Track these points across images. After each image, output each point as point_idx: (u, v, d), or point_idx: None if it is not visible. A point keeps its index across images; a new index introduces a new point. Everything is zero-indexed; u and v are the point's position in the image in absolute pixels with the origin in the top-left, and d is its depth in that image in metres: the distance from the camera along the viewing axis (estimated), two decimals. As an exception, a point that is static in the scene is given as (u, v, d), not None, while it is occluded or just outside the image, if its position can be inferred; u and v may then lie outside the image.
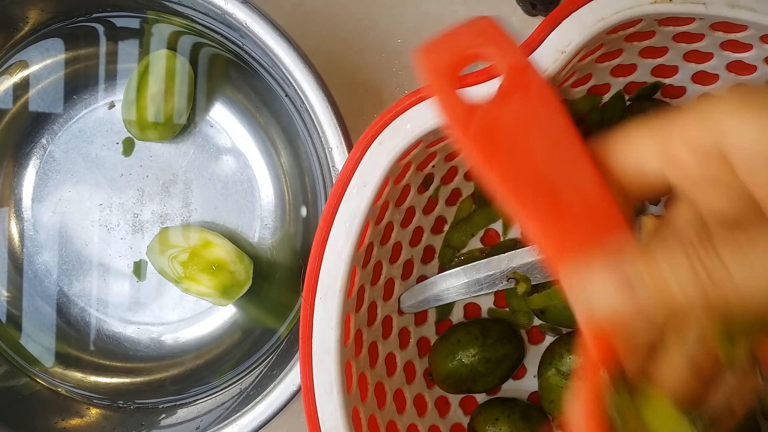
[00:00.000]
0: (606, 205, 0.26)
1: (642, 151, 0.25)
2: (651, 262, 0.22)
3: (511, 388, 0.47)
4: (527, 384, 0.47)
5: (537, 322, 0.47)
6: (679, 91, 0.44)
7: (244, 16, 0.43)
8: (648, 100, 0.44)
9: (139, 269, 0.51)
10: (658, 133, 0.25)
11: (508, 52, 0.28)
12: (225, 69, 0.50)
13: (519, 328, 0.47)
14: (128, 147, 0.51)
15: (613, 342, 0.25)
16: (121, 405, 0.51)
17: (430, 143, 0.37)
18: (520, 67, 0.28)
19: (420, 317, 0.47)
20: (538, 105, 0.27)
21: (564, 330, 0.46)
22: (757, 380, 0.26)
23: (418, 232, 0.45)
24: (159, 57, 0.48)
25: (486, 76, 0.33)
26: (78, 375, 0.51)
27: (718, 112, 0.24)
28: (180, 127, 0.50)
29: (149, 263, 0.50)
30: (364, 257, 0.38)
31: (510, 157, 0.26)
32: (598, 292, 0.22)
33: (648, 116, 0.26)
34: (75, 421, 0.50)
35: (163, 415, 0.50)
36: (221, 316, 0.51)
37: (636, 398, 0.25)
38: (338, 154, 0.42)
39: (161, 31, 0.50)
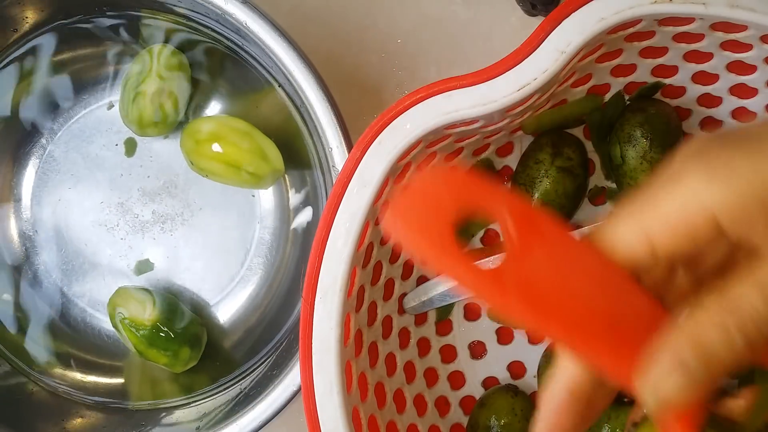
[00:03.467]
0: (653, 308, 0.26)
1: (628, 244, 0.26)
2: (691, 339, 0.24)
3: (511, 388, 0.47)
4: (527, 384, 0.47)
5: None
6: (679, 91, 0.44)
7: (244, 16, 0.43)
8: (648, 100, 0.44)
9: (140, 269, 0.51)
10: (636, 222, 0.26)
11: (503, 201, 0.25)
12: (224, 68, 0.50)
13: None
14: (130, 147, 0.51)
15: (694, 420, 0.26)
16: (121, 405, 0.51)
17: (430, 143, 0.37)
18: (526, 213, 0.26)
19: (420, 317, 0.47)
20: (559, 245, 0.26)
21: None
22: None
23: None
24: (157, 53, 0.48)
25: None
26: (78, 375, 0.51)
27: (694, 191, 0.25)
28: (177, 121, 0.49)
29: (147, 264, 0.50)
30: (364, 257, 0.38)
31: (558, 307, 0.25)
32: (668, 386, 0.24)
33: (622, 204, 0.27)
34: (75, 421, 0.50)
35: (163, 415, 0.50)
36: (221, 316, 0.51)
37: None
38: (338, 154, 0.42)
39: (160, 30, 0.50)
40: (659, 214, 0.25)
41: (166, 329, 0.47)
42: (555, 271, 0.25)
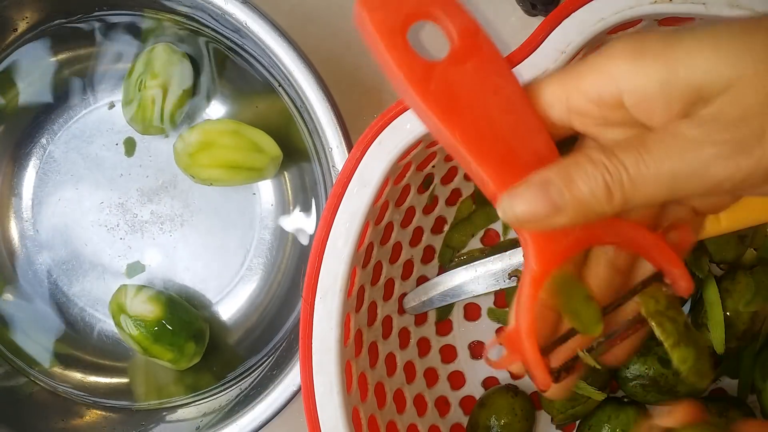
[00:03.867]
0: (551, 153, 0.29)
1: (548, 102, 0.29)
2: (565, 175, 0.26)
3: (511, 388, 0.47)
4: (527, 384, 0.47)
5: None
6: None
7: (244, 16, 0.43)
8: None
9: (131, 271, 0.51)
10: (559, 87, 0.29)
11: (457, 14, 0.28)
12: (224, 68, 0.50)
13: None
14: (130, 147, 0.51)
15: (554, 255, 0.28)
16: (121, 405, 0.51)
17: (430, 143, 0.37)
18: (471, 31, 0.29)
19: (420, 317, 0.47)
20: (490, 68, 0.29)
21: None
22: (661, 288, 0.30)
23: (418, 232, 0.45)
24: (158, 51, 0.48)
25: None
26: (78, 375, 0.51)
27: (609, 65, 0.27)
28: (180, 118, 0.49)
29: (143, 265, 0.51)
30: (364, 257, 0.39)
31: (469, 118, 0.28)
32: (525, 206, 0.27)
33: (556, 72, 0.30)
34: (75, 422, 0.50)
35: (163, 415, 0.50)
36: (221, 316, 0.51)
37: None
38: (338, 154, 0.42)
39: (160, 30, 0.50)
40: (580, 76, 0.28)
41: (170, 324, 0.47)
42: (478, 86, 0.28)
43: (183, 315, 0.48)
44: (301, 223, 0.50)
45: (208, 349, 0.50)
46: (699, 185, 0.25)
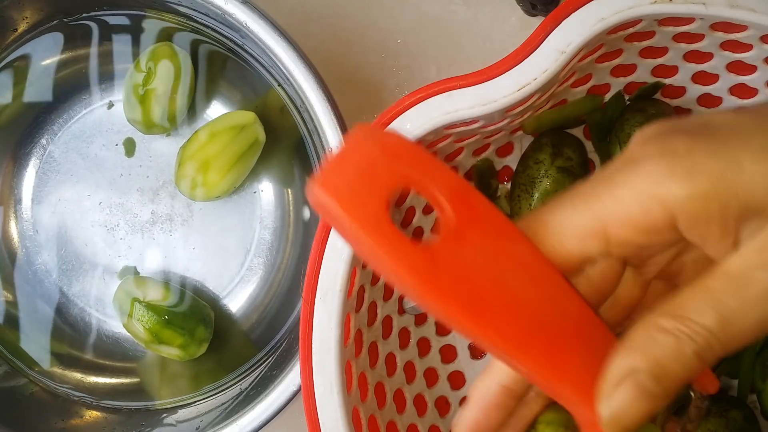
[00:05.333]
0: (584, 313, 0.25)
1: (580, 236, 0.25)
2: (655, 365, 0.23)
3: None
4: (527, 384, 0.47)
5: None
6: (679, 91, 0.44)
7: (244, 16, 0.43)
8: (648, 100, 0.44)
9: (125, 273, 0.51)
10: (592, 217, 0.24)
11: (443, 176, 0.23)
12: (224, 68, 0.50)
13: None
14: (130, 147, 0.51)
15: None
16: (120, 405, 0.51)
17: (430, 143, 0.37)
18: (463, 192, 0.23)
19: (420, 317, 0.47)
20: (496, 234, 0.24)
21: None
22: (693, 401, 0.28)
23: (418, 232, 0.45)
24: (161, 50, 0.48)
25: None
26: (77, 375, 0.51)
27: (657, 187, 0.23)
28: (182, 117, 0.50)
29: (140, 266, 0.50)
30: (364, 257, 0.38)
31: (490, 302, 0.23)
32: (629, 412, 0.23)
33: (570, 195, 0.25)
34: (75, 422, 0.50)
35: (163, 416, 0.50)
36: (221, 315, 0.51)
37: None
38: (338, 154, 0.42)
39: (160, 29, 0.50)
40: (617, 202, 0.24)
41: (181, 307, 0.48)
42: (489, 261, 0.23)
43: (190, 300, 0.49)
44: (301, 223, 0.50)
45: (208, 348, 0.50)
46: None
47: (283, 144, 0.49)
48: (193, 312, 0.49)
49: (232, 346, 0.51)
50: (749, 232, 0.23)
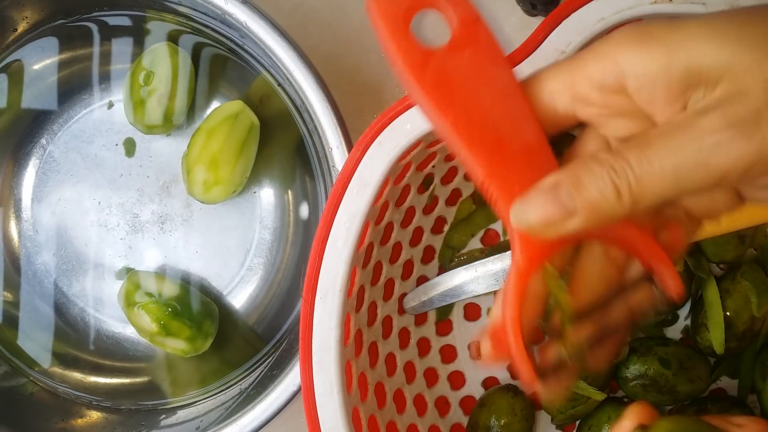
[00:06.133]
0: (541, 146, 0.29)
1: (553, 91, 0.29)
2: (574, 179, 0.26)
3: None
4: (527, 384, 0.47)
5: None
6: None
7: (244, 16, 0.43)
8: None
9: (123, 275, 0.51)
10: (565, 74, 0.29)
11: (459, 3, 0.29)
12: (225, 68, 0.50)
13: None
14: (130, 147, 0.51)
15: (542, 251, 0.29)
16: (120, 405, 0.51)
17: (430, 143, 0.37)
18: (471, 20, 0.29)
19: (420, 317, 0.47)
20: (487, 57, 0.29)
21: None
22: (652, 292, 0.30)
23: (418, 232, 0.46)
24: (160, 50, 0.48)
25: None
26: (77, 375, 0.51)
27: (614, 51, 0.27)
28: (182, 117, 0.50)
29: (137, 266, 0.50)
30: (364, 257, 0.39)
31: (462, 105, 0.28)
32: (537, 212, 0.27)
33: (562, 60, 0.29)
34: (75, 422, 0.50)
35: (163, 416, 0.50)
36: (221, 315, 0.51)
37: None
38: (338, 154, 0.42)
39: (160, 30, 0.50)
40: (582, 62, 0.28)
41: (189, 299, 0.48)
42: (473, 75, 0.29)
43: (196, 295, 0.49)
44: (301, 223, 0.50)
45: (208, 348, 0.50)
46: (704, 177, 0.25)
47: (283, 144, 0.50)
48: (200, 305, 0.49)
49: (232, 345, 0.51)
50: (695, 100, 0.26)
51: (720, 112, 0.25)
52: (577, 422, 0.46)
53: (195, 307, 0.49)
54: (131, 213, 0.51)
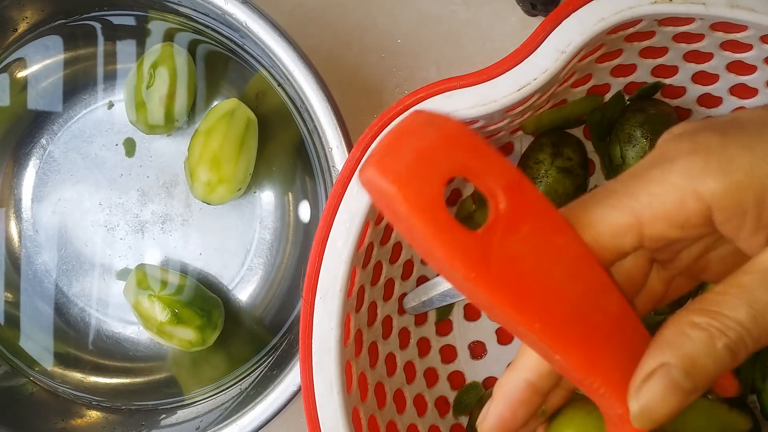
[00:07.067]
0: (626, 313, 0.25)
1: (615, 232, 0.25)
2: (688, 362, 0.23)
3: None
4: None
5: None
6: (679, 91, 0.44)
7: (244, 16, 0.43)
8: (648, 100, 0.44)
9: (122, 276, 0.51)
10: (630, 213, 0.25)
11: (499, 166, 0.23)
12: (224, 68, 0.50)
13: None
14: (130, 147, 0.51)
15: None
16: (120, 405, 0.51)
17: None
18: (517, 182, 0.23)
19: (420, 317, 0.47)
20: (547, 227, 0.24)
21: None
22: None
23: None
24: (162, 51, 0.48)
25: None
26: (78, 375, 0.51)
27: (692, 183, 0.24)
28: (183, 117, 0.50)
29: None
30: (364, 257, 0.39)
31: (539, 296, 0.23)
32: (663, 409, 0.24)
33: (603, 192, 0.25)
34: (75, 422, 0.50)
35: (163, 416, 0.50)
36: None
37: None
38: (338, 154, 0.42)
39: (160, 30, 0.50)
40: (652, 197, 0.24)
41: (198, 289, 0.49)
42: (537, 251, 0.23)
43: (201, 288, 0.50)
44: (301, 223, 0.50)
45: (209, 347, 0.50)
46: None
47: (283, 144, 0.50)
48: (209, 296, 0.49)
49: (232, 345, 0.51)
50: None
51: None
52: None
53: (205, 297, 0.49)
54: (131, 213, 0.51)
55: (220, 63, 0.50)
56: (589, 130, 0.46)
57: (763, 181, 0.23)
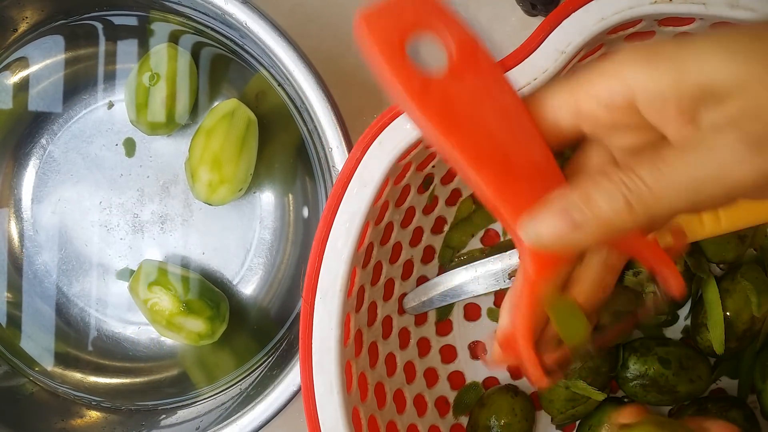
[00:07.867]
0: (548, 162, 0.29)
1: (556, 108, 0.29)
2: (585, 196, 0.26)
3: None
4: (527, 384, 0.47)
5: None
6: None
7: (244, 16, 0.43)
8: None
9: (122, 276, 0.51)
10: (568, 92, 0.29)
11: (456, 27, 0.29)
12: (224, 68, 0.50)
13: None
14: (130, 148, 0.51)
15: (552, 263, 0.29)
16: (120, 405, 0.51)
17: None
18: (469, 43, 0.29)
19: (420, 317, 0.47)
20: (488, 79, 0.29)
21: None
22: (651, 296, 0.32)
23: (418, 232, 0.45)
24: (163, 51, 0.48)
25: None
26: (78, 375, 0.51)
27: (622, 69, 0.27)
28: (185, 118, 0.50)
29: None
30: (364, 257, 0.39)
31: (466, 128, 0.28)
32: (548, 229, 0.27)
33: (563, 78, 0.29)
34: (75, 422, 0.50)
35: (163, 416, 0.50)
36: (221, 316, 0.51)
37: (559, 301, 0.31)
38: (338, 154, 0.42)
39: (161, 30, 0.50)
40: (589, 81, 0.28)
41: (206, 285, 0.49)
42: (476, 98, 0.29)
43: (206, 282, 0.50)
44: (301, 223, 0.50)
45: (209, 346, 0.50)
46: (719, 190, 0.25)
47: (283, 144, 0.50)
48: (215, 290, 0.50)
49: (231, 345, 0.51)
50: (707, 115, 0.26)
51: (734, 128, 0.25)
52: (577, 422, 0.46)
53: (212, 290, 0.49)
54: (131, 213, 0.51)
55: (221, 63, 0.50)
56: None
57: (689, 73, 0.25)
